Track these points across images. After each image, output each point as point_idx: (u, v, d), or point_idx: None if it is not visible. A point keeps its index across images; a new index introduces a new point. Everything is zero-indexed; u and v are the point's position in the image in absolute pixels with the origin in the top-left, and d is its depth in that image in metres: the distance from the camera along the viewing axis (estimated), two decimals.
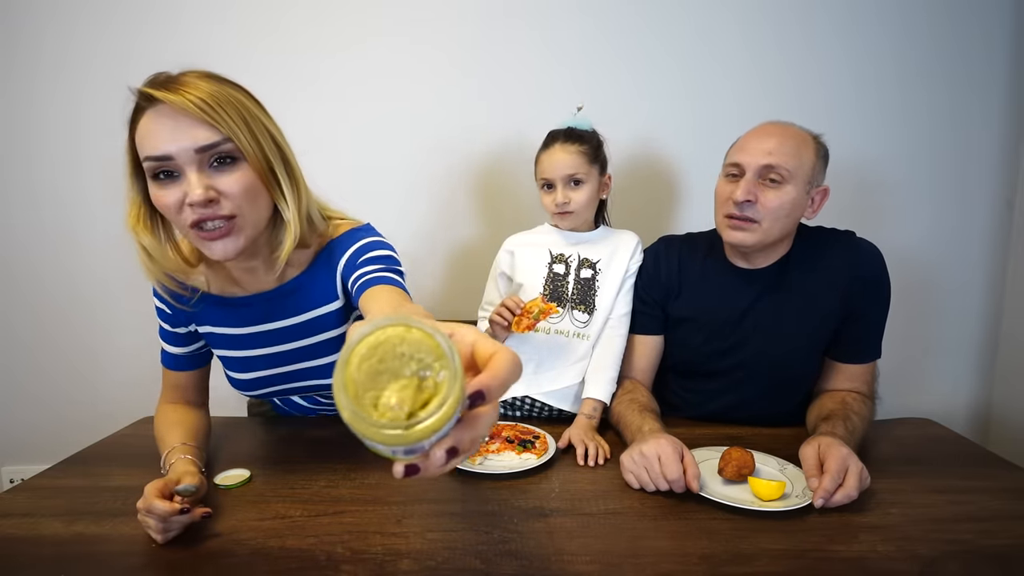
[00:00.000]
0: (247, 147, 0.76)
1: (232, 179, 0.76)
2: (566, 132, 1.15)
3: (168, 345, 1.00)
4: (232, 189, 0.76)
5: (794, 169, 0.99)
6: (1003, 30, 1.45)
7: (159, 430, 0.95)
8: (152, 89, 0.73)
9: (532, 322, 1.08)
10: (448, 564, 0.68)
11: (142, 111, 0.75)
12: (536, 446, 0.98)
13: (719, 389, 1.12)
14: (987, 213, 1.53)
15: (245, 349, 0.97)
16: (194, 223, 0.76)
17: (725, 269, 1.11)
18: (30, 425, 1.68)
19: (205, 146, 0.73)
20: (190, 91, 0.73)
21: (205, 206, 0.74)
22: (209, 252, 0.79)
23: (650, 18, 1.46)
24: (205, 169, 0.75)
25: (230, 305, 0.93)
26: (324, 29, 1.47)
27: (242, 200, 0.77)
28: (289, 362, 0.97)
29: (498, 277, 1.25)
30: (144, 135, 0.75)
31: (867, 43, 1.46)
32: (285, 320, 0.94)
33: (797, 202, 1.00)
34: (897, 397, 1.25)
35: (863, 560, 0.69)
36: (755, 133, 1.04)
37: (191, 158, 0.73)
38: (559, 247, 1.20)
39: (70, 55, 1.49)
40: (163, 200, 0.76)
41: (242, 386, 1.02)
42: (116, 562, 0.70)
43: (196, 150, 0.73)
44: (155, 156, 0.74)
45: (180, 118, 0.73)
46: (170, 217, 0.78)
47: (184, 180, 0.74)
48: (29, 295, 1.62)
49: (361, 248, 0.89)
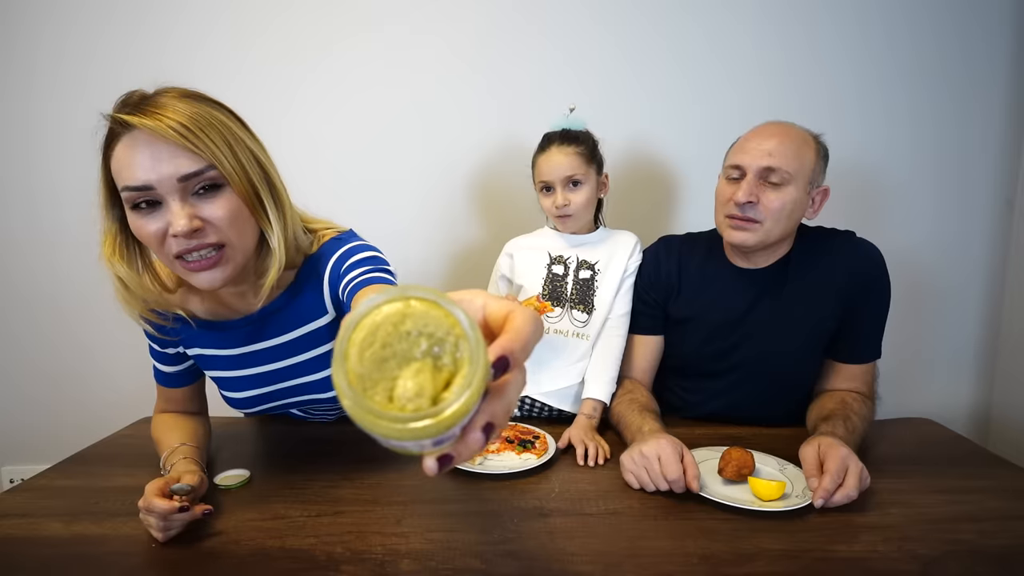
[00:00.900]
0: (231, 172, 0.72)
1: (217, 206, 0.72)
2: (561, 134, 1.15)
3: (159, 364, 0.97)
4: (217, 216, 0.72)
5: (795, 170, 0.99)
6: (1004, 30, 1.45)
7: (157, 434, 0.94)
8: (126, 115, 0.68)
9: None
10: (448, 564, 0.68)
11: (117, 137, 0.70)
12: (536, 446, 0.98)
13: (719, 389, 1.12)
14: (987, 213, 1.53)
15: (236, 369, 0.93)
16: (178, 254, 0.72)
17: (725, 269, 1.12)
18: (30, 425, 1.68)
19: (187, 174, 0.69)
20: (168, 115, 0.68)
21: (190, 237, 0.70)
22: (195, 283, 0.75)
23: (651, 18, 1.46)
24: (188, 198, 0.71)
25: (217, 328, 0.90)
26: (324, 34, 1.47)
27: (228, 228, 0.73)
28: (283, 379, 0.94)
29: (498, 280, 1.26)
30: (121, 164, 0.70)
31: (868, 43, 1.46)
32: (275, 339, 0.90)
33: (798, 203, 1.00)
34: (897, 397, 1.25)
35: (863, 560, 0.69)
36: (755, 133, 1.04)
37: (173, 187, 0.69)
38: (558, 249, 1.20)
39: (67, 55, 1.49)
40: (144, 231, 0.71)
41: (237, 404, 0.99)
42: (116, 562, 0.70)
43: (179, 179, 0.69)
44: (134, 187, 0.69)
45: (159, 145, 0.68)
46: (152, 247, 0.74)
47: (166, 209, 0.70)
48: (27, 295, 1.61)
49: (344, 254, 0.86)
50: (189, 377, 0.99)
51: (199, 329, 0.90)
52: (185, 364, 0.98)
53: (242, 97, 1.47)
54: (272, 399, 0.97)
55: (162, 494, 0.72)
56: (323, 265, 0.87)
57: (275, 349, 0.91)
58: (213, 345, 0.91)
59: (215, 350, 0.92)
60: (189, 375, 0.99)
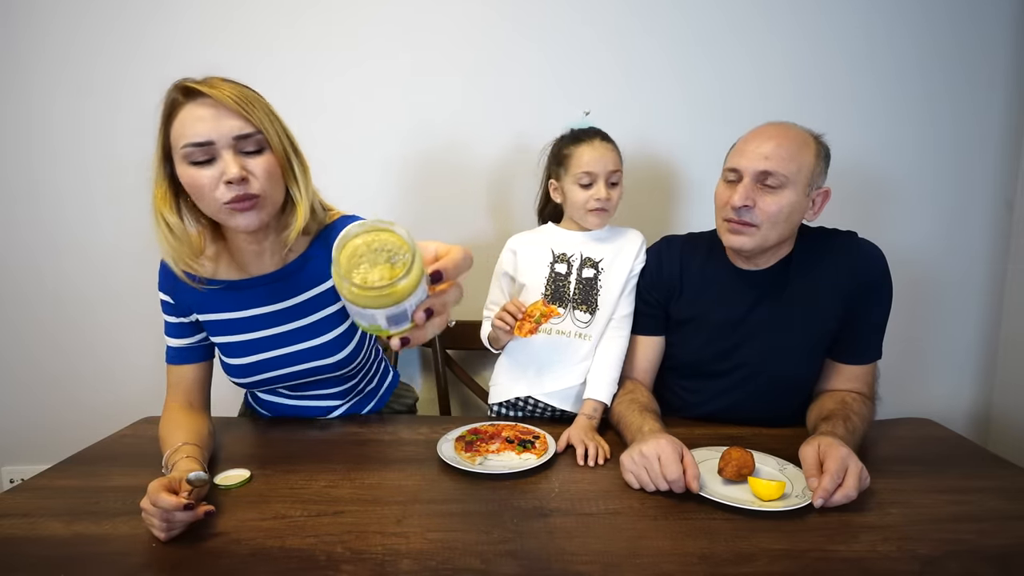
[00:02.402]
0: (272, 139, 0.90)
1: (260, 164, 0.89)
2: (599, 131, 1.15)
3: (172, 339, 1.04)
4: (260, 171, 0.89)
5: (792, 174, 0.98)
6: (1004, 30, 1.45)
7: (163, 431, 0.97)
8: (195, 84, 0.86)
9: (534, 326, 1.08)
10: (448, 564, 0.69)
11: (180, 106, 0.86)
12: (536, 446, 0.98)
13: (720, 390, 1.12)
14: (987, 213, 1.53)
15: (246, 332, 1.03)
16: (227, 201, 0.87)
17: (726, 270, 1.11)
18: (30, 425, 1.68)
19: (241, 135, 0.87)
20: (225, 89, 0.86)
21: (238, 184, 0.86)
22: (235, 223, 0.90)
23: (651, 18, 1.46)
24: (238, 154, 0.87)
25: (235, 288, 1.01)
26: (327, 30, 1.47)
27: (266, 181, 0.89)
28: (288, 343, 1.03)
29: (501, 277, 1.24)
30: (185, 125, 0.86)
31: (868, 43, 1.46)
32: (287, 301, 1.02)
33: (796, 205, 1.00)
34: (897, 397, 1.25)
35: (863, 560, 0.69)
36: (753, 136, 1.03)
37: (228, 143, 0.86)
38: (562, 246, 1.19)
39: (72, 54, 1.49)
40: (200, 180, 0.86)
41: (238, 372, 1.05)
42: (116, 562, 0.70)
43: (234, 137, 0.86)
44: (197, 142, 0.85)
45: (220, 109, 0.86)
46: (203, 195, 0.88)
47: (220, 162, 0.86)
48: (28, 295, 1.61)
49: None
50: (199, 353, 1.06)
51: (218, 291, 1.01)
52: (196, 338, 1.05)
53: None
54: (274, 366, 1.05)
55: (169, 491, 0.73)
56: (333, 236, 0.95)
57: (286, 311, 1.02)
58: (228, 308, 1.02)
59: (229, 313, 1.02)
60: (199, 351, 1.06)
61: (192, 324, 1.04)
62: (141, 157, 0.94)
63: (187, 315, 1.03)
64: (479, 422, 1.09)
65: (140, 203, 0.88)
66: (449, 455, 0.95)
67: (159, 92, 0.88)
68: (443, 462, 0.93)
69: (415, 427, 1.10)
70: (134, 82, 1.47)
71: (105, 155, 1.53)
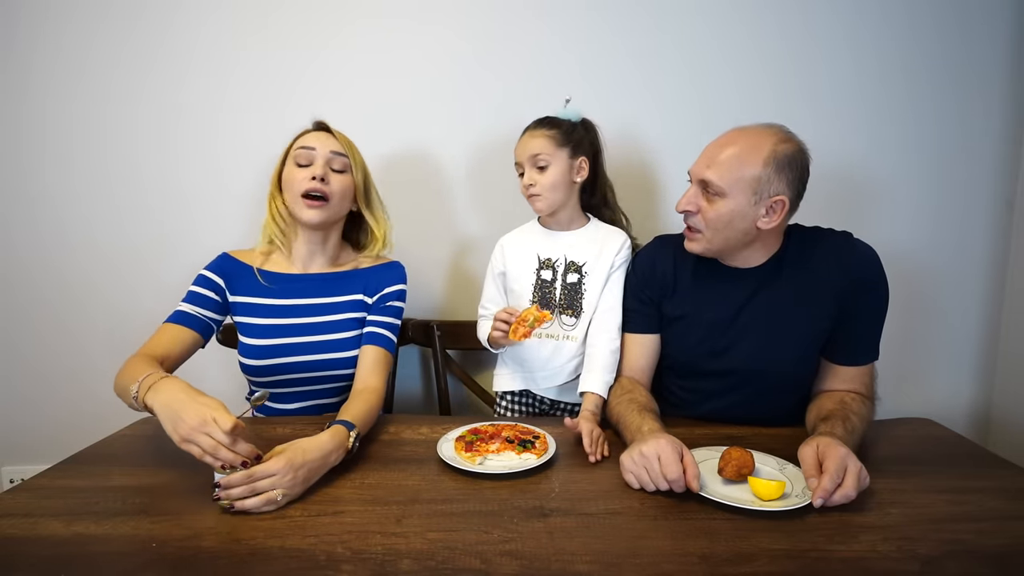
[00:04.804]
0: (354, 168, 1.19)
1: (339, 179, 1.17)
2: (539, 119, 1.19)
3: (187, 304, 1.14)
4: (336, 184, 1.16)
5: (729, 184, 0.98)
6: (1004, 30, 1.45)
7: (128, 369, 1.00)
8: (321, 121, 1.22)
9: (528, 330, 1.13)
10: (448, 564, 0.69)
11: (308, 131, 1.20)
12: (536, 446, 0.98)
13: (716, 389, 1.12)
14: (987, 213, 1.53)
15: (271, 317, 1.17)
16: (305, 192, 1.13)
17: (717, 268, 1.11)
18: (30, 425, 1.68)
19: (334, 152, 1.17)
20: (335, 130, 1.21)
21: (320, 181, 1.13)
22: (304, 215, 1.14)
23: (652, 18, 1.46)
24: (327, 167, 1.16)
25: (281, 281, 1.19)
26: (318, 24, 1.47)
27: (337, 191, 1.16)
28: (305, 333, 1.16)
29: (495, 275, 1.29)
30: (304, 138, 1.18)
31: (868, 43, 1.46)
32: (319, 298, 1.19)
33: (738, 213, 0.99)
34: (897, 397, 1.25)
35: (863, 560, 0.69)
36: (711, 143, 1.04)
37: (324, 155, 1.16)
38: (546, 249, 1.23)
39: (62, 55, 1.49)
40: (296, 176, 1.14)
41: (253, 352, 1.14)
42: (116, 562, 0.70)
43: (330, 151, 1.17)
44: (307, 146, 1.16)
45: (329, 137, 1.18)
46: (291, 185, 1.14)
47: (313, 167, 1.15)
48: (26, 295, 1.61)
49: (391, 294, 1.22)
50: (200, 324, 1.14)
51: (264, 277, 1.19)
52: (208, 312, 1.15)
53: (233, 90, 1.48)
54: (286, 352, 1.15)
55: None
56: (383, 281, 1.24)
57: (315, 306, 1.19)
58: (263, 294, 1.18)
59: (262, 298, 1.18)
60: (201, 322, 1.14)
61: (214, 301, 1.16)
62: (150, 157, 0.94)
63: (219, 293, 1.17)
64: (479, 422, 1.09)
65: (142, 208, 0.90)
66: (449, 455, 0.95)
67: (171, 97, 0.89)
68: (443, 462, 0.93)
69: (415, 427, 1.10)
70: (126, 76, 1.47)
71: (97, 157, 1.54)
